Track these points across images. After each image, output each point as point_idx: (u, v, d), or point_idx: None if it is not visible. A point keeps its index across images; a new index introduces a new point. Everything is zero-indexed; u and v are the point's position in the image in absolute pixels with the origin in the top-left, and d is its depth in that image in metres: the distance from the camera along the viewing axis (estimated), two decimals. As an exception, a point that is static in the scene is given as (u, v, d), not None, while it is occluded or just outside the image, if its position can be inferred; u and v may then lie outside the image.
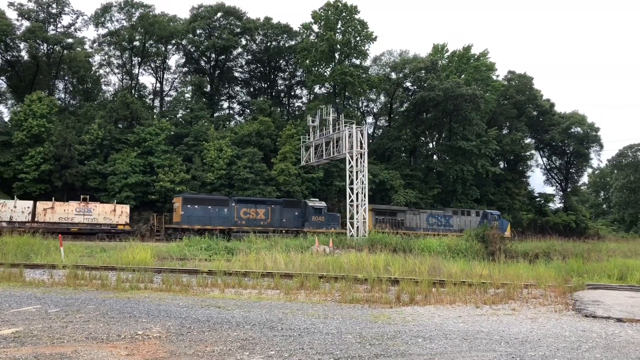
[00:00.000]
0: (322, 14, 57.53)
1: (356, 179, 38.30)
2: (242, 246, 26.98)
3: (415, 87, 63.65)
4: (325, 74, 59.02)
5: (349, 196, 38.66)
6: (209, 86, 63.01)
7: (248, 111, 65.91)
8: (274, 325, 8.66)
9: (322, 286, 13.71)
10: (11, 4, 53.21)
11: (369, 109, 71.86)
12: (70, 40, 55.15)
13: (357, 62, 60.27)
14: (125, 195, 43.28)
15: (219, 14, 60.99)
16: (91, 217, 37.12)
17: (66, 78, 59.68)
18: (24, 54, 55.22)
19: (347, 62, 58.47)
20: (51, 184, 43.04)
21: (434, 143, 68.33)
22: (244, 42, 63.15)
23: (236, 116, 67.88)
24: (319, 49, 56.17)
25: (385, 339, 7.75)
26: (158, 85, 63.94)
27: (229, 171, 48.12)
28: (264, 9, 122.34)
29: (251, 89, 68.67)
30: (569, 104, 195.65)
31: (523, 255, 28.01)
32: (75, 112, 54.63)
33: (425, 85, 58.63)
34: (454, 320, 9.56)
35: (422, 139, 66.50)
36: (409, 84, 65.24)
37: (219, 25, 61.08)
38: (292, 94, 70.43)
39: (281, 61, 65.94)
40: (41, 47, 54.34)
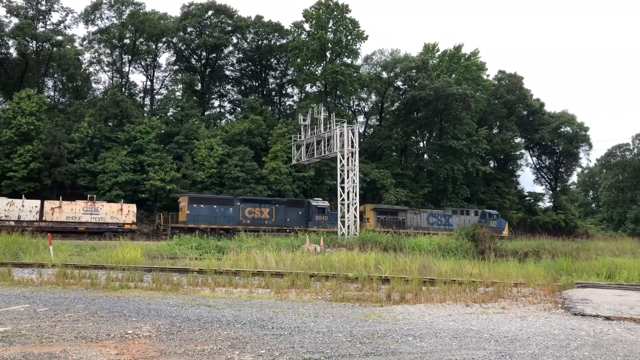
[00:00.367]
0: (314, 12, 57.53)
1: (347, 177, 38.34)
2: (232, 245, 26.96)
3: (406, 87, 63.78)
4: (317, 72, 59.03)
5: (340, 195, 38.69)
6: (199, 84, 62.83)
7: (239, 110, 65.79)
8: (264, 324, 8.65)
9: (313, 285, 13.71)
10: (-1, 1, 52.82)
11: (360, 108, 72.01)
12: (59, 38, 54.82)
13: (349, 61, 60.38)
14: (115, 193, 43.08)
15: (210, 12, 60.88)
16: (98, 216, 37.41)
17: (55, 76, 59.29)
18: (12, 51, 54.88)
19: (338, 61, 58.52)
20: (40, 182, 42.72)
21: (425, 142, 68.55)
22: (235, 41, 63.09)
23: (227, 115, 67.88)
24: (310, 48, 56.17)
25: (375, 337, 7.76)
26: (148, 83, 63.79)
27: (219, 170, 48.00)
28: (255, 8, 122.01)
29: (242, 87, 68.56)
30: (558, 103, 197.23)
31: (513, 254, 28.21)
32: (65, 110, 54.25)
33: (416, 84, 58.78)
34: (444, 319, 9.59)
35: (413, 138, 66.71)
36: (399, 83, 65.39)
37: (209, 23, 60.93)
38: (283, 92, 70.43)
39: (272, 60, 65.87)
40: (30, 44, 53.92)
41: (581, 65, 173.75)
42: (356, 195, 38.34)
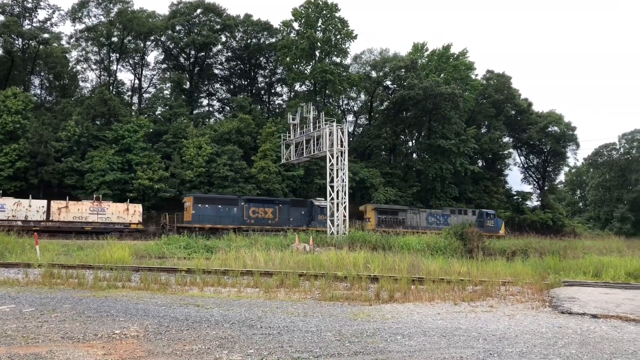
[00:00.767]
0: (303, 11, 57.51)
1: (336, 177, 38.38)
2: (221, 244, 26.88)
3: (395, 86, 63.99)
4: (306, 71, 59.02)
5: (330, 194, 38.72)
6: (188, 83, 62.53)
7: (228, 108, 65.58)
8: (253, 323, 8.62)
9: (302, 284, 13.69)
10: (-16, -2, 52.21)
11: (349, 107, 72.15)
12: (46, 36, 54.31)
13: (338, 60, 60.44)
14: (103, 192, 42.71)
15: (198, 11, 60.59)
16: (105, 216, 37.41)
17: (42, 74, 58.73)
18: (-2, 49, 54.22)
19: (327, 60, 58.55)
20: (27, 182, 42.29)
21: (414, 141, 68.84)
22: (223, 39, 62.83)
23: (216, 113, 67.63)
24: (299, 47, 56.14)
25: (364, 336, 7.76)
26: (136, 81, 63.39)
27: (208, 169, 47.80)
28: (244, 6, 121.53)
29: (231, 86, 68.33)
30: (546, 103, 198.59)
31: (501, 252, 28.36)
32: (52, 109, 53.76)
33: (405, 84, 59.00)
34: (432, 318, 9.62)
35: (402, 137, 66.93)
36: (389, 82, 65.60)
37: (198, 21, 60.65)
38: (273, 91, 70.31)
39: (261, 58, 65.72)
40: (16, 42, 53.36)
41: (569, 66, 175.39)
42: (345, 195, 38.40)
